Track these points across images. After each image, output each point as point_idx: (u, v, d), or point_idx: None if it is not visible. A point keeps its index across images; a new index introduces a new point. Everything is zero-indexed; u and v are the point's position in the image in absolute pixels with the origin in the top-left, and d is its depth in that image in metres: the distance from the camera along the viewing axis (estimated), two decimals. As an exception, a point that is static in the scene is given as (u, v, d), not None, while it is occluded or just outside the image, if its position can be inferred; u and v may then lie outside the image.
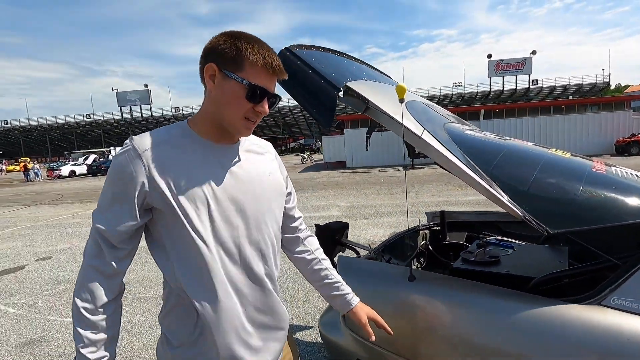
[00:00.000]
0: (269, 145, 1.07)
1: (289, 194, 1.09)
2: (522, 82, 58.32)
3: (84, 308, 0.83)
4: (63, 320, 3.27)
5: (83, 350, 0.82)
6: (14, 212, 10.80)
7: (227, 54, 0.84)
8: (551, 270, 1.39)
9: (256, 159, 0.99)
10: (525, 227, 2.28)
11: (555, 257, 1.64)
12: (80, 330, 0.83)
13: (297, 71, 1.60)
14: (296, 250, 1.12)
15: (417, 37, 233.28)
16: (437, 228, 2.44)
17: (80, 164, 30.23)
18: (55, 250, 5.89)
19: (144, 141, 0.86)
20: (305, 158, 27.05)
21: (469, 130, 1.80)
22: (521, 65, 57.09)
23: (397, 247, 2.36)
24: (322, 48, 2.02)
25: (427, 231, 2.44)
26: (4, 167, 33.71)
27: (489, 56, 57.54)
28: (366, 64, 2.28)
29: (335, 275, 1.14)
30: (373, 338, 1.12)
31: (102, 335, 0.84)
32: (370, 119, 1.60)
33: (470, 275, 1.46)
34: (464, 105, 49.03)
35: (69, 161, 34.09)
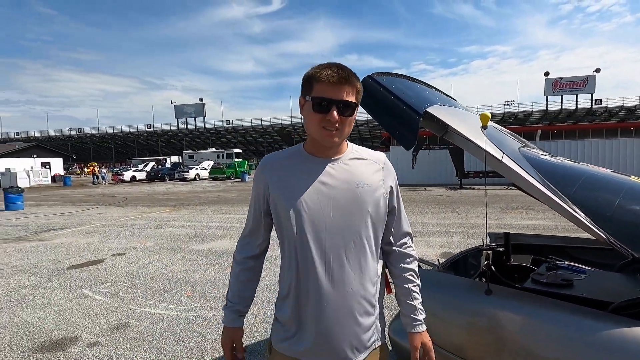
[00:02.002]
0: (379, 158, 1.13)
1: (392, 207, 1.13)
2: (584, 101, 54.53)
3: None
4: (142, 310, 3.65)
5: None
6: (88, 212, 12.02)
7: (303, 84, 1.05)
8: (630, 296, 1.41)
9: (357, 170, 1.07)
10: (597, 254, 2.24)
11: (632, 284, 1.63)
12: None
13: (380, 97, 1.77)
14: (393, 262, 1.16)
15: (468, 54, 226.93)
16: (501, 249, 2.46)
17: (140, 170, 32.85)
18: (127, 248, 6.51)
19: (269, 157, 1.14)
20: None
21: (543, 154, 1.86)
22: (582, 84, 53.49)
23: (460, 265, 2.41)
24: (398, 74, 2.19)
25: (490, 251, 2.47)
26: (86, 169, 38.05)
27: (546, 74, 54.63)
28: (435, 88, 2.42)
29: (416, 298, 1.15)
30: None
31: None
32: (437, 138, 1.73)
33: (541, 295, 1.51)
34: (517, 124, 46.72)
35: (130, 167, 37.10)
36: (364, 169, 1.09)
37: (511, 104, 60.16)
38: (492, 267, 2.21)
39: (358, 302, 1.04)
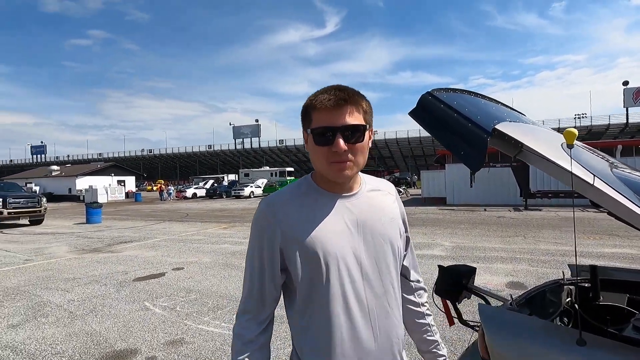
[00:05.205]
0: (390, 187, 1.08)
1: (406, 237, 1.08)
2: (675, 112, 48.09)
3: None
4: (197, 327, 3.74)
5: None
6: (153, 226, 12.97)
7: (302, 117, 0.93)
8: None
9: (378, 203, 0.99)
10: None
11: None
12: None
13: (441, 115, 1.64)
14: (404, 295, 1.09)
15: (533, 66, 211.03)
16: (586, 284, 2.12)
17: (200, 188, 35.08)
18: (186, 262, 6.83)
19: (278, 199, 0.93)
20: (401, 192, 26.50)
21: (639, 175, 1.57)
22: (672, 93, 47.30)
23: (536, 302, 2.11)
24: (459, 90, 2.04)
25: (572, 287, 2.14)
26: (172, 189, 34.98)
27: (625, 83, 49.30)
28: (502, 103, 2.21)
29: (435, 333, 1.14)
30: None
31: None
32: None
33: None
34: (591, 139, 42.25)
35: (192, 185, 39.71)
36: (384, 200, 1.02)
37: (583, 117, 54.94)
38: (577, 306, 1.90)
39: (400, 345, 0.99)
